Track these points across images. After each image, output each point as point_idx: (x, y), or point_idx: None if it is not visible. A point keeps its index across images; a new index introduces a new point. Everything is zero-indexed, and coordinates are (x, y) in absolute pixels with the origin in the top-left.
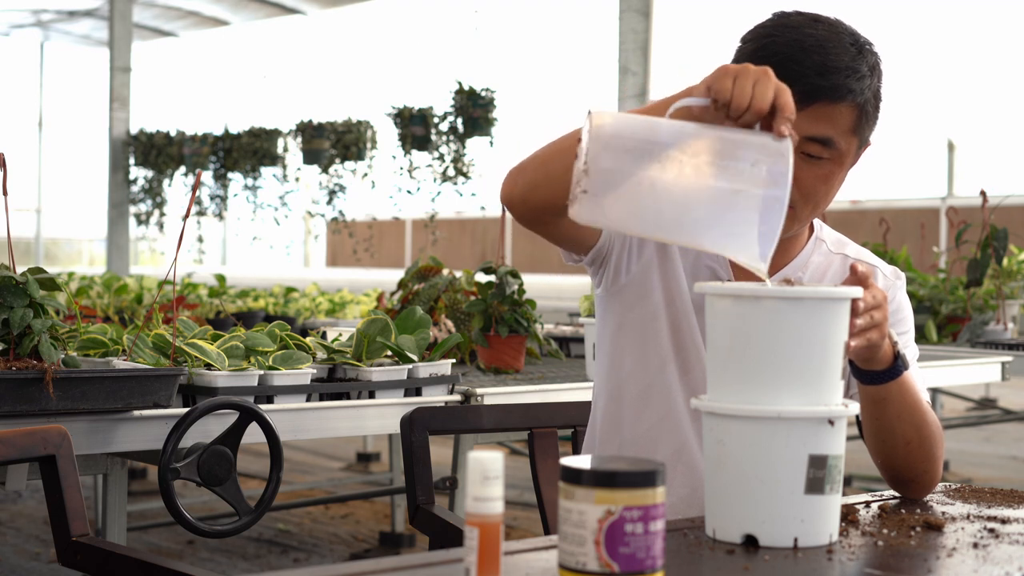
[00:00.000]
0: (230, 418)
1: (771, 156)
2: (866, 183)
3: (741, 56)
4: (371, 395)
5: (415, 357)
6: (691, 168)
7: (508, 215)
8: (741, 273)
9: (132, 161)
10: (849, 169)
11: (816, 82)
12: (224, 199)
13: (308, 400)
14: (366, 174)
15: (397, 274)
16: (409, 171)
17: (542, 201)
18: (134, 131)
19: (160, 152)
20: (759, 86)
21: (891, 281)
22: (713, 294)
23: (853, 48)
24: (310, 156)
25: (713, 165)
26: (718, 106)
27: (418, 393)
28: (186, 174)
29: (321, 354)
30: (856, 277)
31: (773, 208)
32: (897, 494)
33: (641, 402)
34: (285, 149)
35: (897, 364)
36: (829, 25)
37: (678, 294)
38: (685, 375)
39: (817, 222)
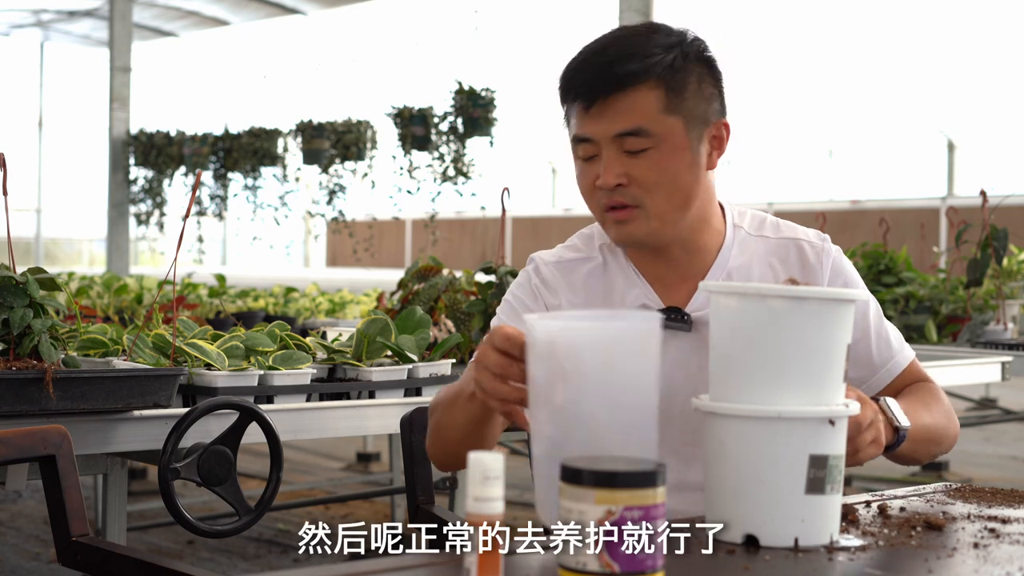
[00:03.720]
0: (230, 418)
1: None
2: (866, 183)
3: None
4: (371, 395)
5: (415, 357)
6: None
7: (508, 215)
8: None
9: (132, 161)
10: (695, 150)
11: (604, 77)
12: (224, 199)
13: (308, 400)
14: (366, 174)
15: (397, 274)
16: (409, 171)
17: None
18: (134, 131)
19: (160, 152)
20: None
21: (819, 246)
22: (717, 292)
23: (644, 36)
24: (310, 156)
25: None
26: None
27: (418, 393)
28: (186, 174)
29: (321, 354)
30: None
31: None
32: (898, 494)
33: None
34: (285, 149)
35: (898, 438)
36: (627, 27)
37: None
38: None
39: (726, 203)
